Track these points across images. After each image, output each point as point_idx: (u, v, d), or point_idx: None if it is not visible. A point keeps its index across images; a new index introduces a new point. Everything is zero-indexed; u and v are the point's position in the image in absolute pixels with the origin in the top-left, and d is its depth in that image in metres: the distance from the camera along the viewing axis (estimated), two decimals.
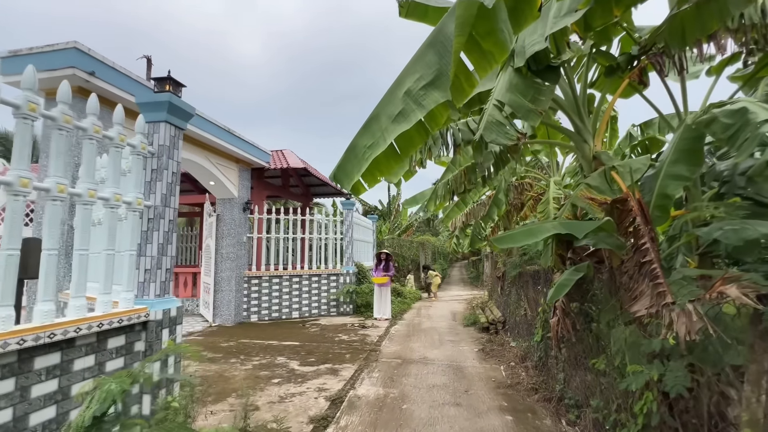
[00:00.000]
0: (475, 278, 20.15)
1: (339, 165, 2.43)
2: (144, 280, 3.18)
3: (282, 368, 5.21)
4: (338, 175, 2.46)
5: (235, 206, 8.79)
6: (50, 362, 2.34)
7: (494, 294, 9.71)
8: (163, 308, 3.15)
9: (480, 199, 8.14)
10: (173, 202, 3.40)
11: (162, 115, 3.33)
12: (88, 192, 2.66)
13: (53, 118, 2.53)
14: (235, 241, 8.69)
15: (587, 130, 3.81)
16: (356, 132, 2.26)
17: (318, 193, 14.33)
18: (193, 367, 5.19)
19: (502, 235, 3.08)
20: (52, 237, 2.50)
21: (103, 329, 2.65)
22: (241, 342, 6.74)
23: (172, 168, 3.40)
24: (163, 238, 3.27)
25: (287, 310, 9.21)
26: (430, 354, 5.98)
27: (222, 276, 8.62)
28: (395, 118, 2.01)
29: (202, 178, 8.29)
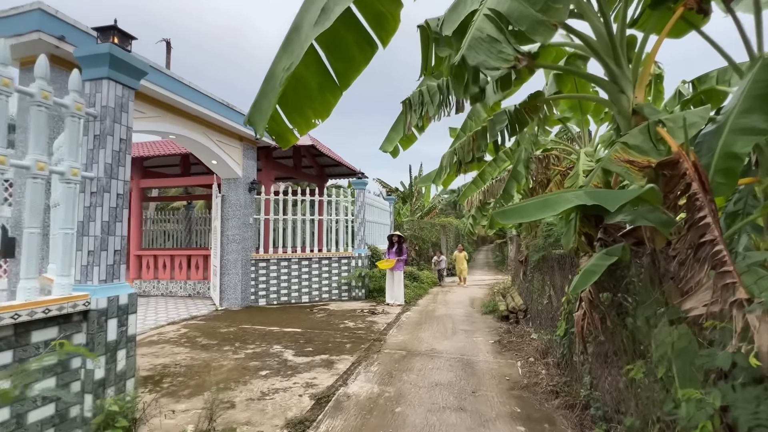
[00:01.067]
0: (500, 262, 19.28)
1: (254, 103, 1.80)
2: (87, 263, 2.75)
3: (275, 358, 4.80)
4: (253, 116, 1.84)
5: (240, 186, 8.42)
6: None
7: (517, 280, 8.97)
8: (108, 295, 2.72)
9: (501, 175, 7.36)
10: (122, 174, 2.93)
11: (103, 70, 2.83)
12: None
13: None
14: (240, 222, 8.36)
15: (626, 77, 3.01)
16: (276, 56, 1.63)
17: (333, 174, 13.85)
18: (181, 356, 4.89)
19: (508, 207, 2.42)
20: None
21: (20, 321, 2.23)
22: (241, 328, 6.42)
23: (120, 134, 2.93)
24: (109, 215, 2.82)
25: (296, 294, 8.87)
26: (439, 345, 5.41)
27: (228, 259, 8.35)
28: (318, 20, 1.39)
29: (203, 157, 7.93)
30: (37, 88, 2.53)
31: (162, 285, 10.20)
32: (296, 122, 1.77)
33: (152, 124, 6.09)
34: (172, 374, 4.26)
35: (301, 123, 1.76)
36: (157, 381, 4.07)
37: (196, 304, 8.82)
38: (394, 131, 4.05)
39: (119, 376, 2.77)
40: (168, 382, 4.03)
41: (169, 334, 6.03)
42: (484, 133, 3.92)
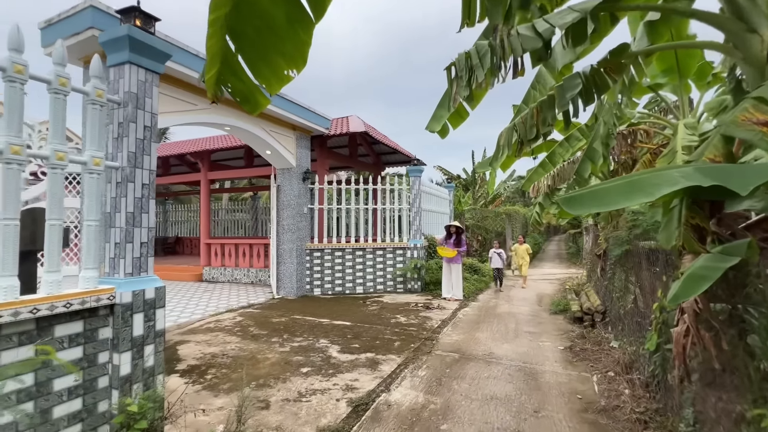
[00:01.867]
0: (574, 254, 17.58)
1: (207, 55, 1.39)
2: (114, 255, 2.68)
3: (319, 354, 4.61)
4: (207, 72, 1.46)
5: (294, 176, 8.42)
6: None
7: (593, 276, 7.89)
8: (133, 289, 2.62)
9: (573, 157, 6.39)
10: (147, 163, 2.81)
11: (124, 55, 2.71)
12: (10, 148, 2.14)
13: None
14: (294, 212, 8.37)
15: (759, 10, 2.17)
16: None
17: (390, 162, 13.48)
18: (231, 345, 4.90)
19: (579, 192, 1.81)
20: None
21: (39, 315, 2.17)
22: (292, 318, 6.38)
23: (144, 120, 2.80)
24: (134, 206, 2.72)
25: (351, 285, 8.73)
26: (498, 349, 4.83)
27: (284, 248, 8.43)
28: None
29: (258, 148, 8.02)
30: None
31: (228, 272, 10.73)
32: (263, 76, 1.38)
33: (205, 116, 6.18)
34: (217, 365, 4.25)
35: (270, 77, 1.37)
36: (202, 371, 4.07)
37: (256, 291, 9.10)
38: (440, 107, 3.52)
39: (147, 372, 2.68)
40: (212, 374, 4.00)
41: (225, 321, 6.17)
42: (550, 103, 3.23)
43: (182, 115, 5.78)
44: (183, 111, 5.79)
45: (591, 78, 3.00)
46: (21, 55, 2.20)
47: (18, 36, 2.15)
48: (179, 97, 5.70)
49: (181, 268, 11.44)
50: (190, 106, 5.89)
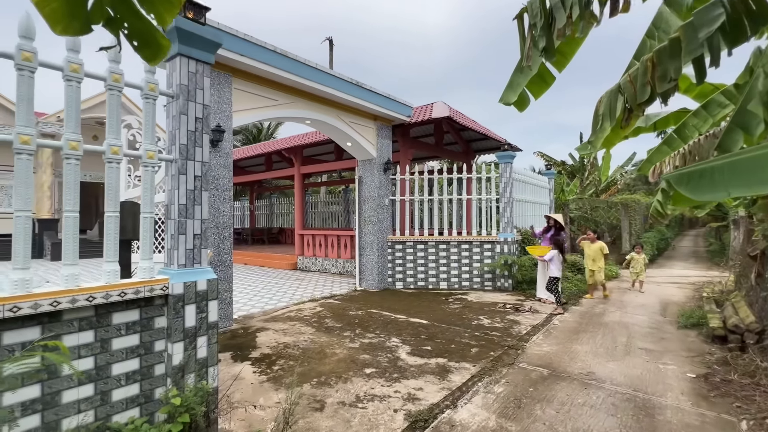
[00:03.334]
0: (716, 253, 14.30)
1: None
2: (170, 246, 2.73)
3: (387, 354, 4.33)
4: None
5: (375, 167, 8.28)
6: (27, 337, 2.06)
7: (744, 283, 6.12)
8: (185, 281, 2.64)
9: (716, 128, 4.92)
10: (199, 155, 2.81)
11: (174, 47, 2.71)
12: (69, 144, 2.26)
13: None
14: (376, 204, 8.24)
15: None
16: None
17: (481, 149, 12.55)
18: (304, 336, 4.93)
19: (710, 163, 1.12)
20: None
21: (95, 303, 2.27)
22: (369, 312, 6.24)
23: (196, 112, 2.79)
24: (186, 197, 2.73)
25: (434, 279, 8.30)
26: (601, 369, 3.95)
27: (366, 240, 8.38)
28: None
29: (338, 140, 8.05)
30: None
31: (318, 262, 11.21)
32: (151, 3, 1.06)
33: (286, 110, 6.35)
34: (287, 356, 4.27)
35: (159, 5, 1.04)
36: (272, 361, 4.12)
37: (341, 282, 9.27)
38: (516, 73, 2.86)
39: (200, 363, 2.69)
40: (280, 365, 4.01)
41: (305, 311, 6.32)
42: (674, 49, 2.34)
43: (263, 111, 6.00)
44: (264, 107, 6.00)
45: (741, 4, 2.07)
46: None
47: None
48: (260, 93, 5.91)
49: (279, 257, 12.35)
50: (270, 102, 6.08)
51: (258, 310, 6.44)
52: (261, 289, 8.42)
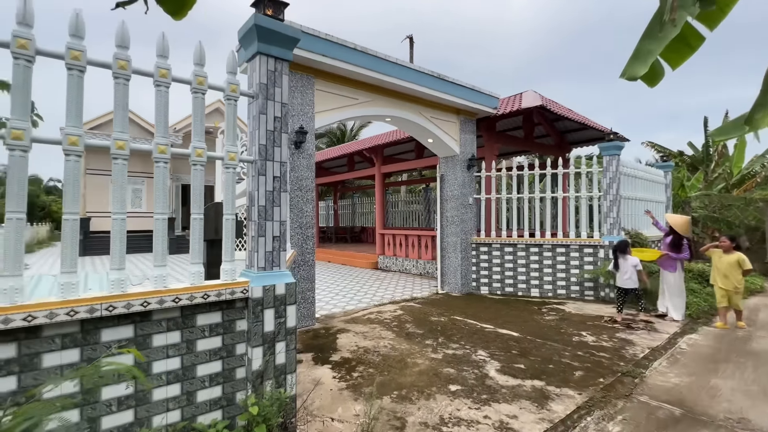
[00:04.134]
0: None
1: None
2: (251, 248, 2.70)
3: (473, 370, 3.92)
4: None
5: (457, 164, 7.82)
6: (121, 335, 2.14)
7: None
8: (264, 284, 2.57)
9: None
10: (278, 155, 2.73)
11: (254, 46, 2.67)
12: (158, 148, 2.31)
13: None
14: (459, 203, 7.78)
15: None
16: None
17: (577, 140, 11.23)
18: (384, 342, 4.74)
19: None
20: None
21: (181, 304, 2.29)
22: (452, 319, 5.85)
23: (274, 111, 2.72)
24: (266, 199, 2.67)
25: (524, 286, 7.57)
26: (758, 414, 3.06)
27: (448, 241, 7.97)
28: None
29: (419, 136, 7.76)
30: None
31: (399, 262, 11.07)
32: None
33: (366, 109, 6.25)
34: (367, 362, 4.11)
35: None
36: (351, 367, 3.99)
37: (421, 284, 8.99)
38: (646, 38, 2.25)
39: (278, 370, 2.62)
40: (359, 372, 3.86)
41: (386, 314, 6.16)
42: None
43: (343, 111, 5.97)
44: (344, 107, 5.97)
45: None
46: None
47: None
48: (339, 92, 5.88)
49: (360, 255, 12.52)
50: (350, 101, 6.03)
51: (339, 310, 6.46)
52: (342, 288, 8.53)
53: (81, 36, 2.07)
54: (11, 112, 1.90)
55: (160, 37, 2.30)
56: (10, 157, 1.91)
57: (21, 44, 1.89)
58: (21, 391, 1.87)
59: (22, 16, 1.92)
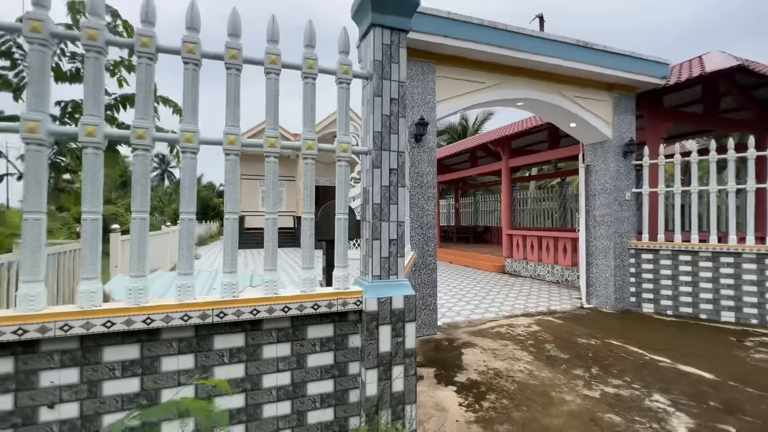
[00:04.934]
0: None
1: None
2: (365, 252, 2.35)
3: (652, 423, 2.90)
4: None
5: (610, 151, 6.39)
6: (232, 343, 2.00)
7: None
8: (379, 296, 2.19)
9: None
10: (394, 143, 2.32)
11: (367, 18, 2.30)
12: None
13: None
14: (611, 198, 6.34)
15: None
16: None
17: None
18: (520, 365, 4.00)
19: None
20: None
21: (290, 314, 2.06)
22: (607, 343, 4.69)
23: (391, 92, 2.31)
24: (381, 195, 2.28)
25: (709, 306, 5.74)
26: None
27: (596, 246, 6.59)
28: None
29: (559, 122, 6.58)
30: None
31: (530, 266, 9.83)
32: None
33: (494, 93, 5.49)
34: (499, 390, 3.45)
35: None
36: (481, 393, 3.38)
37: (560, 294, 7.71)
38: None
39: (395, 399, 2.20)
40: (490, 402, 3.23)
41: (519, 328, 5.31)
42: None
43: (468, 97, 5.34)
44: (469, 93, 5.34)
45: None
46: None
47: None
48: (463, 77, 5.28)
49: (484, 257, 11.60)
50: (477, 86, 5.37)
51: (463, 318, 5.85)
52: (466, 293, 7.87)
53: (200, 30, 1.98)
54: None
55: (270, 21, 2.11)
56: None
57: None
58: (143, 394, 1.85)
59: (145, 14, 1.90)
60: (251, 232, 18.20)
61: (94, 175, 1.81)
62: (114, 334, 1.80)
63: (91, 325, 1.74)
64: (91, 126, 1.80)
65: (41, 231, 1.75)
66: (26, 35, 1.72)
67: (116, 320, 1.78)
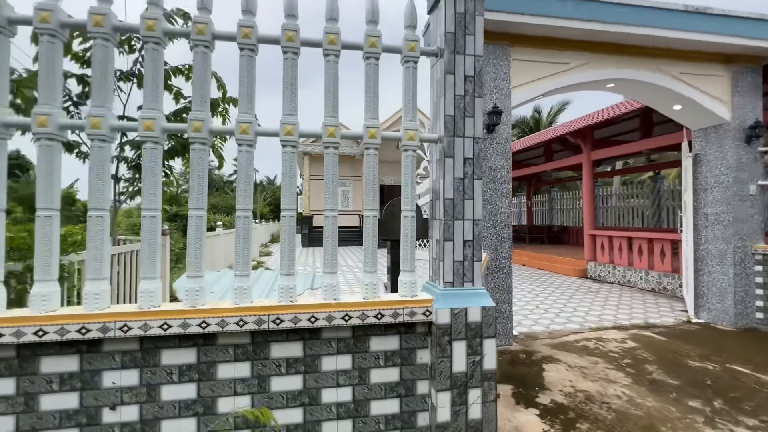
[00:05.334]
0: None
1: None
2: (435, 255, 2.05)
3: None
4: None
5: (726, 137, 5.33)
6: (290, 352, 1.83)
7: None
8: (452, 306, 1.88)
9: None
10: (469, 128, 1.98)
11: None
12: (329, 130, 1.91)
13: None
14: (730, 193, 5.28)
15: None
16: None
17: None
18: (615, 388, 3.41)
19: None
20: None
21: (351, 323, 1.84)
22: (729, 369, 3.84)
23: (465, 68, 1.98)
24: (454, 189, 1.96)
25: None
26: None
27: (707, 249, 5.55)
28: None
29: (658, 104, 5.65)
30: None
31: (618, 271, 8.73)
32: None
33: (578, 74, 4.84)
34: (592, 418, 2.93)
35: None
36: (569, 421, 2.89)
37: (657, 305, 6.67)
38: None
39: (472, 428, 1.87)
40: (582, 430, 2.74)
41: (610, 343, 4.61)
42: None
43: (548, 81, 4.76)
44: (549, 76, 4.76)
45: None
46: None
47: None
48: (543, 59, 4.71)
49: (563, 260, 10.59)
50: (558, 68, 4.77)
51: (542, 328, 5.26)
52: (543, 299, 7.16)
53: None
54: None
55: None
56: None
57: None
58: (199, 401, 1.74)
59: (201, 2, 1.80)
60: (320, 230, 18.77)
61: (152, 170, 1.74)
62: (171, 337, 1.72)
63: (149, 327, 1.67)
64: (150, 120, 1.73)
65: (104, 228, 1.72)
66: (90, 30, 1.70)
67: (172, 322, 1.69)
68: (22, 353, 1.62)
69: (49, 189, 1.66)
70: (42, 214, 1.65)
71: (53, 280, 1.68)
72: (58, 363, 1.64)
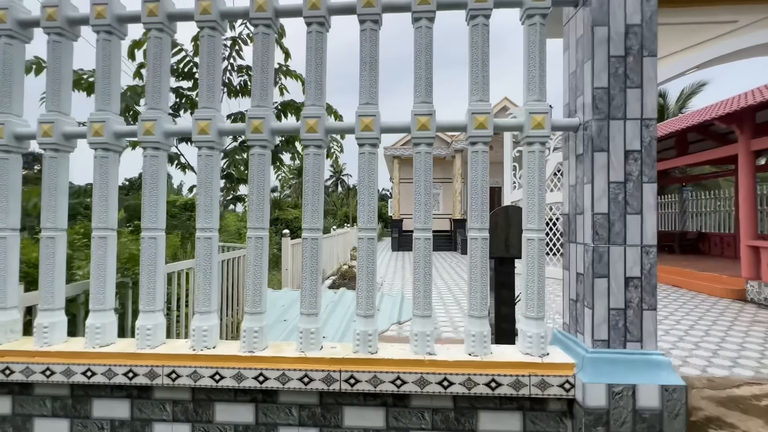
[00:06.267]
0: None
1: None
2: (575, 296, 1.40)
3: None
4: None
5: None
6: (369, 422, 1.37)
7: None
8: (609, 381, 1.22)
9: None
10: (634, 106, 1.29)
11: None
12: (419, 121, 1.40)
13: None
14: None
15: None
16: None
17: None
18: None
19: None
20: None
21: (451, 390, 1.30)
22: None
23: (624, 17, 1.30)
24: (608, 195, 1.29)
25: None
26: None
27: None
28: None
29: None
30: None
31: None
32: None
33: (748, 36, 3.57)
34: None
35: None
36: None
37: None
38: None
39: None
40: None
41: None
42: None
43: (707, 47, 3.61)
44: (708, 40, 3.61)
45: None
46: None
47: None
48: (699, 19, 3.59)
49: (706, 276, 8.51)
50: (720, 29, 3.60)
51: (695, 371, 4.03)
52: (689, 328, 5.66)
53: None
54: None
55: None
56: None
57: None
58: None
59: None
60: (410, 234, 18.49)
61: (208, 181, 1.43)
62: (225, 390, 1.38)
63: (199, 376, 1.35)
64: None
65: (158, 251, 1.45)
66: (144, 21, 1.46)
67: (225, 372, 1.34)
68: (75, 393, 1.44)
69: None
70: (97, 235, 1.45)
71: (107, 310, 1.47)
72: (109, 408, 1.42)
